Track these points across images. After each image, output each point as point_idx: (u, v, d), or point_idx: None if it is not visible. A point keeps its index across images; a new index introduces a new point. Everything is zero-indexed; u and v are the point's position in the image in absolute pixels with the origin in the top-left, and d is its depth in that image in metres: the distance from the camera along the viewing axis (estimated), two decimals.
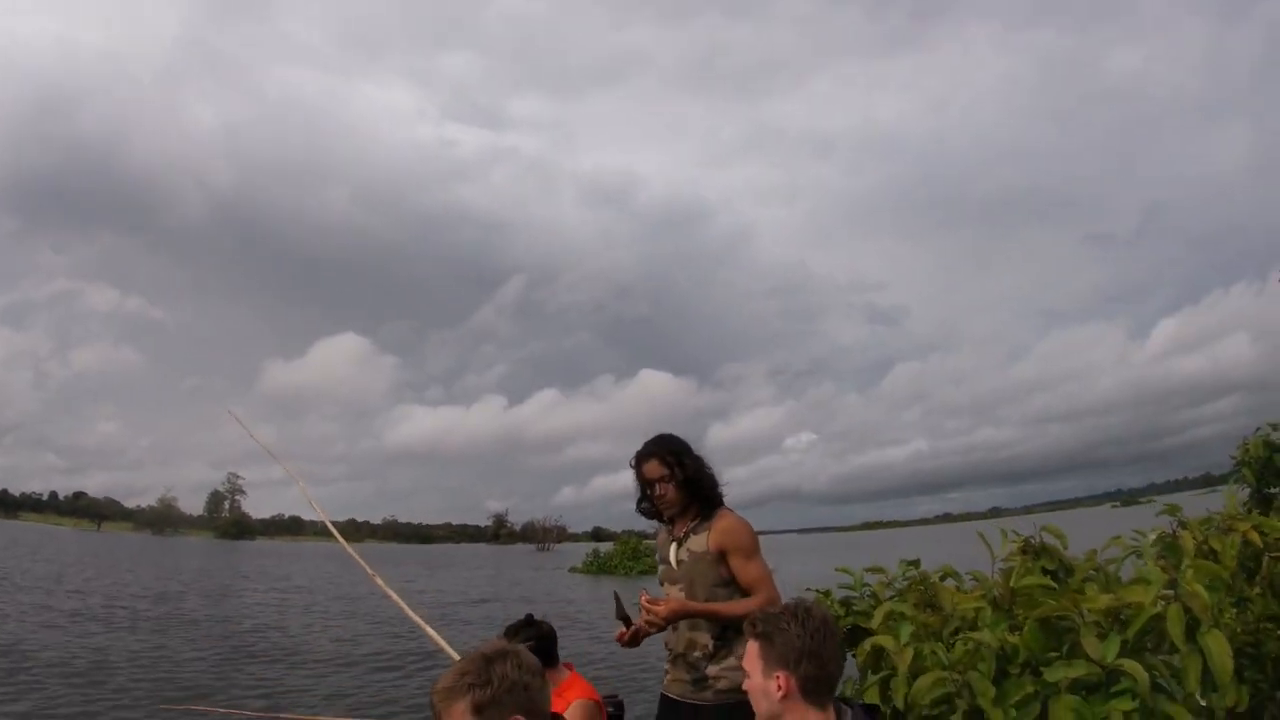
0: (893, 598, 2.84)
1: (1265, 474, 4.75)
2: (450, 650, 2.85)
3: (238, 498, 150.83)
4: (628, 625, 3.02)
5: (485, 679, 1.72)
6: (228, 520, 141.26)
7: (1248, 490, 4.88)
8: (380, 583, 3.18)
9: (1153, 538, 3.14)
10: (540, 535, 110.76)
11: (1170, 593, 2.31)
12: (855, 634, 2.92)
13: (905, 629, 2.37)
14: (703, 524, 3.04)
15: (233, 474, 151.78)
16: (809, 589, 3.12)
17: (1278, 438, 4.82)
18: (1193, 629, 2.23)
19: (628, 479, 3.26)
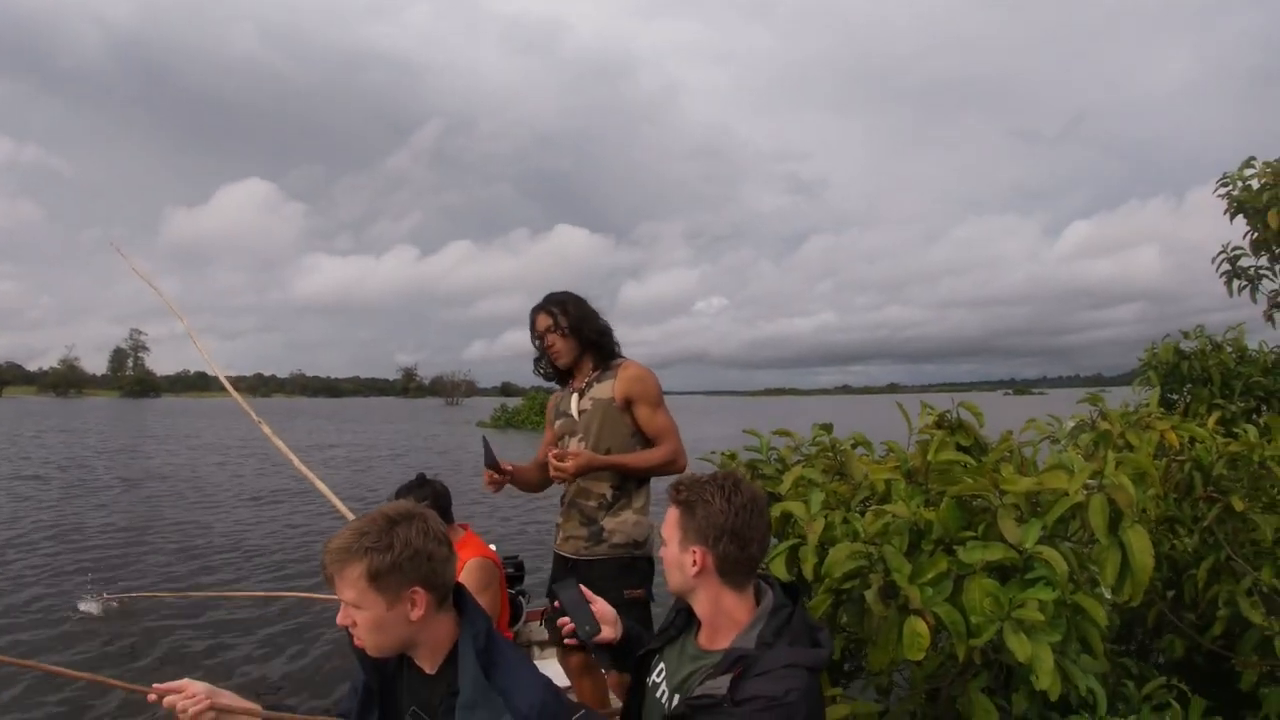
0: (799, 463, 2.66)
1: (1170, 380, 4.79)
2: (343, 507, 2.60)
3: (141, 355, 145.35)
4: (499, 473, 2.88)
5: (386, 543, 1.47)
6: (132, 379, 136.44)
7: (1148, 393, 4.89)
8: (277, 441, 2.88)
9: (1070, 425, 3.05)
10: (449, 390, 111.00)
11: (1093, 483, 2.16)
12: None
13: (816, 497, 2.18)
14: (606, 373, 2.92)
15: (135, 330, 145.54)
16: (715, 451, 2.97)
17: (1188, 345, 4.84)
18: (1115, 522, 2.10)
19: None
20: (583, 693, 3.14)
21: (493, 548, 3.52)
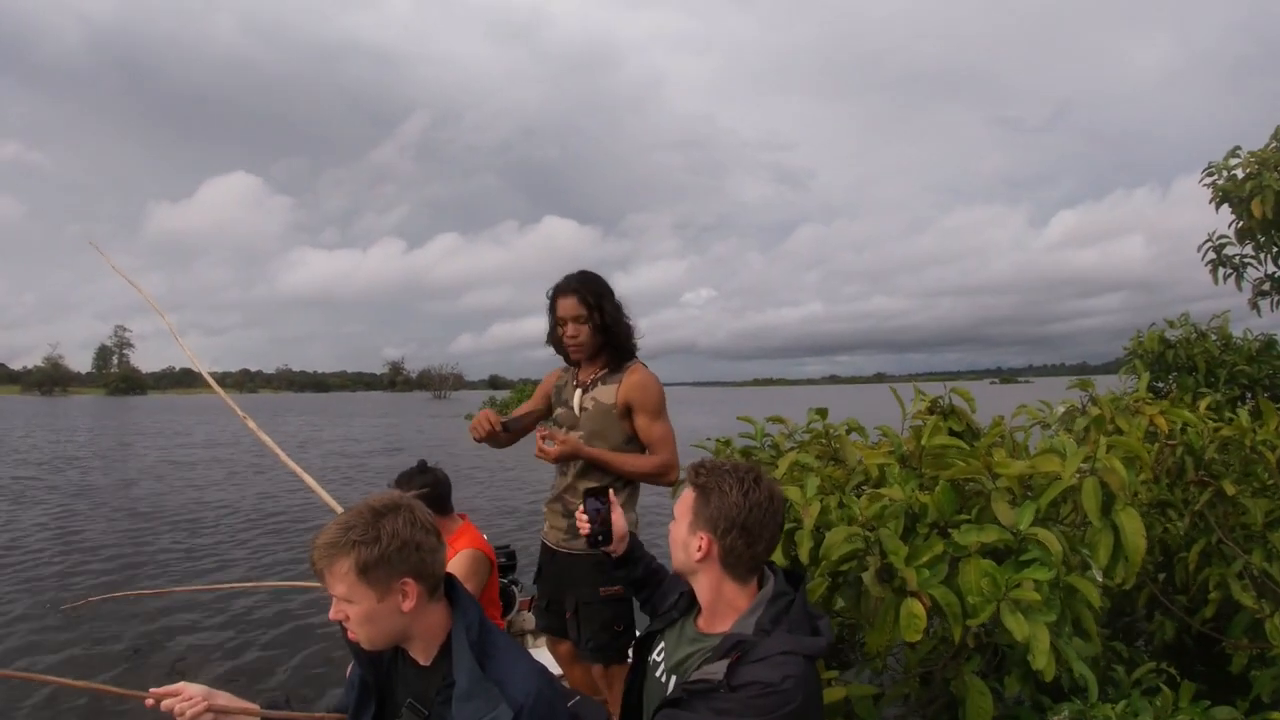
0: (793, 449, 2.66)
1: (1156, 368, 4.82)
2: (332, 502, 2.57)
3: (126, 351, 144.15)
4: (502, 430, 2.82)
5: (373, 535, 1.45)
6: (117, 376, 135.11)
7: (1135, 381, 4.94)
8: (263, 436, 2.84)
9: (1061, 411, 3.06)
10: (437, 383, 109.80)
11: (1086, 466, 2.18)
12: None
13: (812, 482, 2.18)
14: (612, 375, 2.84)
15: (120, 327, 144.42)
16: (710, 438, 2.96)
17: (1173, 334, 4.88)
18: (1107, 505, 2.12)
19: (528, 327, 3.09)
20: (573, 681, 3.14)
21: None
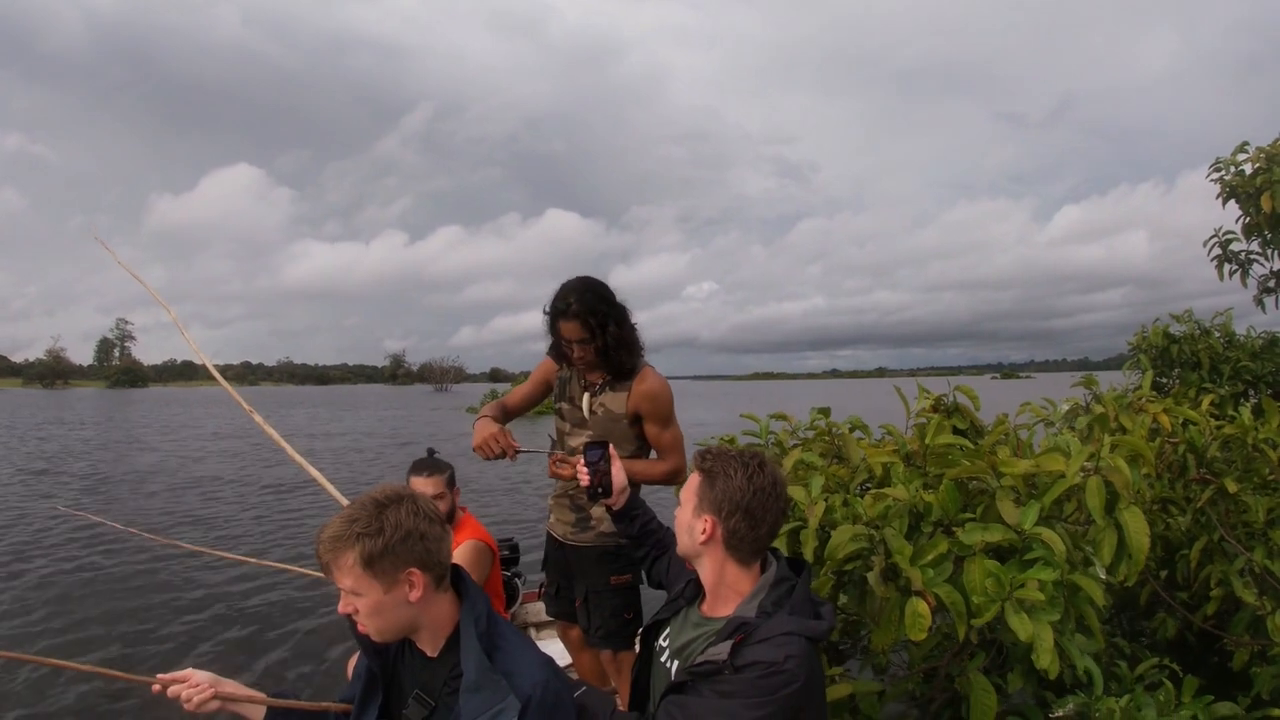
0: (797, 446, 2.67)
1: (1160, 363, 4.82)
2: (337, 494, 2.58)
3: (128, 344, 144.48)
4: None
5: (377, 527, 1.46)
6: (118, 369, 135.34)
7: (1139, 377, 4.94)
8: (269, 430, 2.85)
9: (1065, 408, 3.06)
10: (438, 376, 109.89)
11: (1090, 465, 2.18)
12: None
13: (816, 481, 2.19)
14: (621, 381, 2.80)
15: (121, 319, 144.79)
16: (712, 436, 2.96)
17: (1177, 329, 4.87)
18: (1111, 504, 2.12)
19: (529, 320, 3.03)
20: (581, 667, 3.16)
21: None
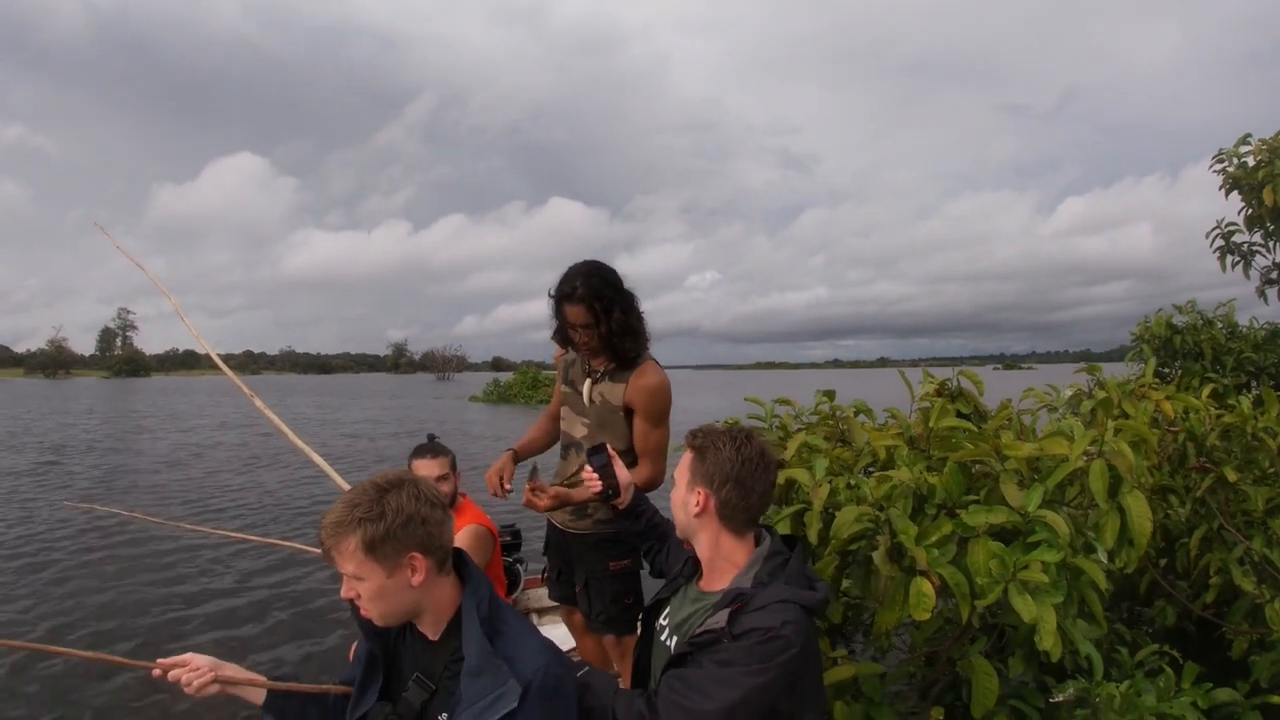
0: (801, 430, 2.67)
1: (1162, 353, 4.82)
2: (338, 479, 2.58)
3: (129, 334, 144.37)
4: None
5: (378, 512, 1.47)
6: (120, 358, 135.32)
7: (1142, 367, 4.95)
8: (270, 415, 2.86)
9: (1068, 394, 3.07)
10: (440, 365, 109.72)
11: (1093, 449, 2.19)
12: None
13: (820, 464, 2.20)
14: (622, 371, 2.76)
15: (123, 309, 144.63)
16: (716, 421, 2.96)
17: (1180, 319, 4.87)
18: (1114, 488, 2.13)
19: (532, 309, 3.10)
20: (585, 651, 3.17)
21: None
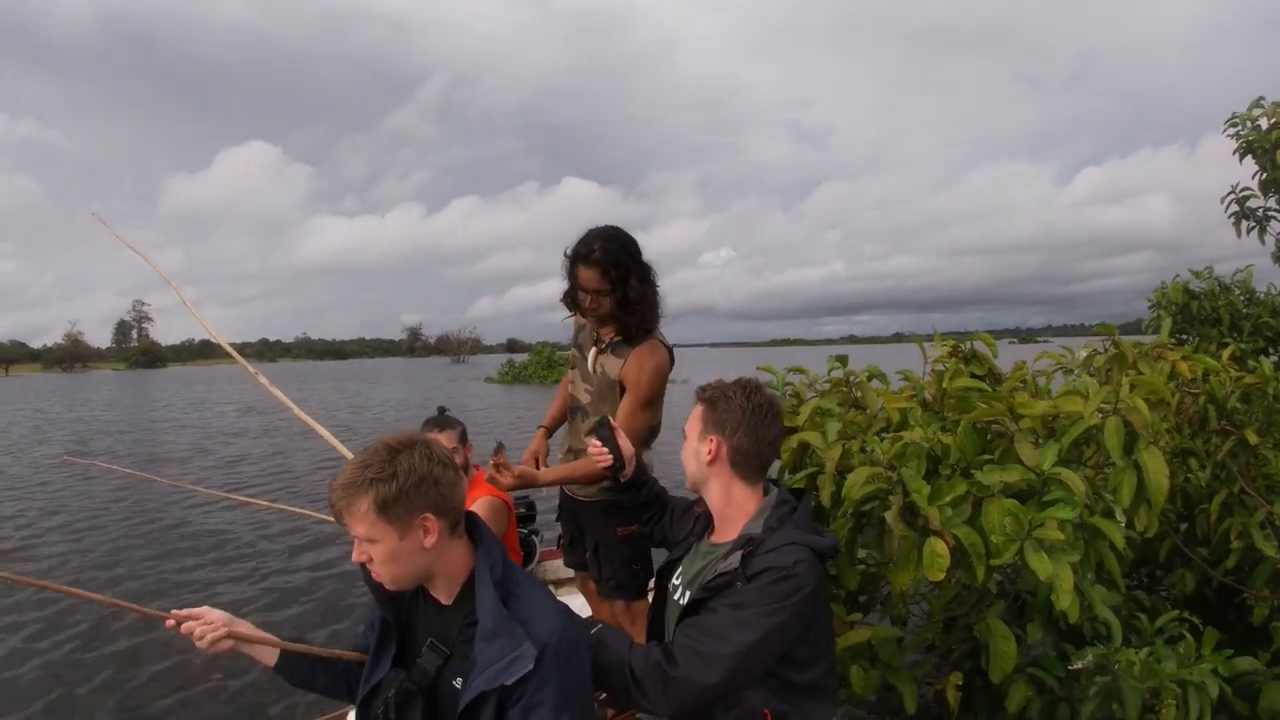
0: (814, 397, 2.65)
1: (1180, 320, 4.75)
2: (344, 450, 2.58)
3: (145, 325, 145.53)
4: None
5: (390, 472, 1.45)
6: (137, 350, 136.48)
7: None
8: (274, 390, 2.87)
9: (1084, 354, 3.03)
10: (455, 348, 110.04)
11: (1108, 405, 2.15)
12: None
13: (832, 427, 2.18)
14: (626, 344, 2.68)
15: (138, 301, 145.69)
16: None
17: (1197, 285, 4.79)
18: (1130, 444, 2.09)
19: (546, 290, 2.99)
20: (601, 617, 3.16)
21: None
